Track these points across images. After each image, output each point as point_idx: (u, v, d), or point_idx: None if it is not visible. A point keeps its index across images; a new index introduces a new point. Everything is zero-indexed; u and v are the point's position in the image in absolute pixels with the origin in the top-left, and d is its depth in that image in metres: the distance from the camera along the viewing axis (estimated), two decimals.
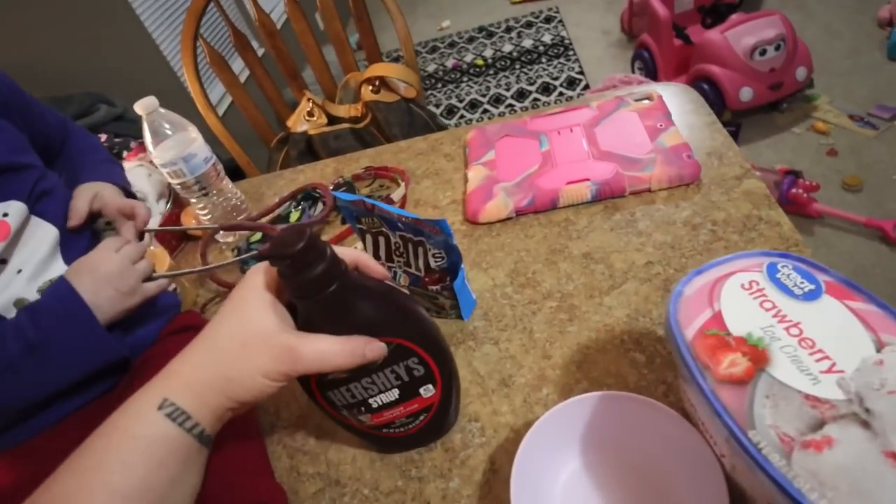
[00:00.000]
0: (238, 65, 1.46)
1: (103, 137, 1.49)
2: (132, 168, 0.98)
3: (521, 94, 2.67)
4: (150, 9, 2.12)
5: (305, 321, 0.40)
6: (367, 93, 1.18)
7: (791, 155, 2.02)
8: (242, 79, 1.37)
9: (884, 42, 2.30)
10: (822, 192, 1.81)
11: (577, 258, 0.63)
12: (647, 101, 0.77)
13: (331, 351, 0.37)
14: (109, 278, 0.56)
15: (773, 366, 0.33)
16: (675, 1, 2.30)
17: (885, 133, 1.98)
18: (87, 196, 0.66)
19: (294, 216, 0.84)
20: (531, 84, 2.71)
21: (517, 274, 0.63)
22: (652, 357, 0.51)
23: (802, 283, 0.37)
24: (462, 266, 0.57)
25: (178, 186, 0.83)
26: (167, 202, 0.96)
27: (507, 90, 2.72)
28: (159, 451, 0.33)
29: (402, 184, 0.80)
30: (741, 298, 0.37)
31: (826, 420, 0.30)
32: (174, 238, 0.92)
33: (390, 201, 0.77)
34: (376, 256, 0.59)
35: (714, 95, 2.06)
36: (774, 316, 0.35)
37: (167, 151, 0.79)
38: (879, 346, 0.32)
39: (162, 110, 0.80)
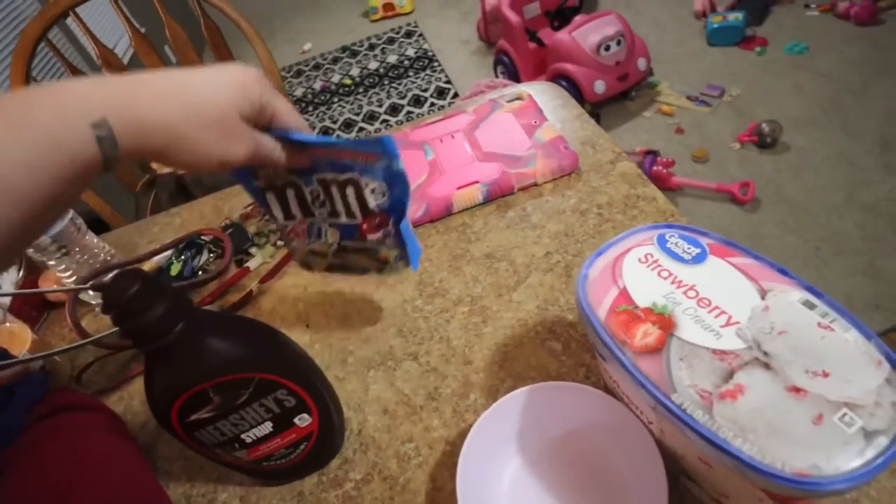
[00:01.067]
0: None
1: None
2: None
3: (394, 109, 2.69)
4: None
5: (152, 370, 0.39)
6: None
7: (646, 136, 2.22)
8: None
9: (702, 31, 2.61)
10: (677, 167, 2.02)
11: (479, 260, 0.63)
12: (518, 101, 0.81)
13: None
14: None
15: (681, 329, 0.35)
16: (524, 7, 2.45)
17: (717, 109, 2.24)
18: None
19: (175, 268, 0.76)
20: (402, 98, 2.74)
21: (424, 285, 0.63)
22: (567, 343, 0.53)
23: (689, 248, 0.40)
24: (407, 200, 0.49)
25: (31, 250, 0.73)
26: (19, 270, 0.84)
27: (380, 106, 2.73)
28: (68, 169, 0.29)
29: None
30: (641, 271, 0.39)
31: (734, 369, 0.32)
32: (33, 308, 0.81)
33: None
34: (287, 215, 0.50)
35: (572, 91, 2.21)
36: (672, 283, 0.38)
37: None
38: (763, 294, 0.36)
39: None
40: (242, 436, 0.43)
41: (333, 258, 0.53)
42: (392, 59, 3.04)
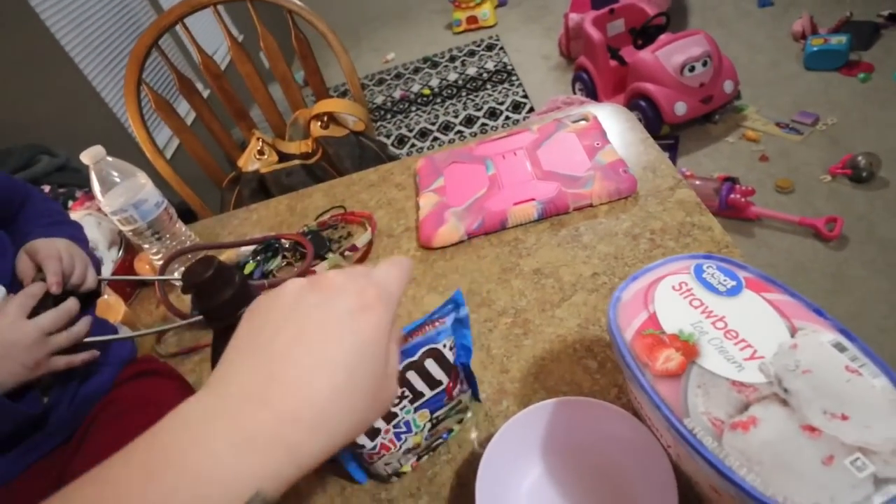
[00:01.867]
0: (185, 108, 1.46)
1: (46, 189, 1.46)
2: (80, 218, 0.96)
3: (469, 120, 2.74)
4: (89, 56, 2.10)
5: (218, 346, 0.42)
6: (316, 129, 1.20)
7: (727, 162, 2.14)
8: (190, 121, 1.37)
9: (800, 54, 2.48)
10: (757, 196, 1.92)
11: (527, 274, 0.66)
12: (583, 122, 0.82)
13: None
14: (14, 351, 0.50)
15: (703, 358, 0.36)
16: (608, 25, 2.43)
17: (808, 137, 2.12)
18: (30, 253, 0.63)
19: (249, 268, 0.83)
20: (478, 110, 2.79)
21: (472, 294, 0.66)
22: (603, 362, 0.54)
23: (725, 280, 0.40)
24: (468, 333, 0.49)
25: (130, 233, 0.83)
26: (119, 249, 0.95)
27: (456, 117, 2.79)
28: None
29: (369, 229, 0.79)
30: (673, 299, 0.40)
31: (751, 402, 0.33)
32: (128, 285, 0.90)
33: (354, 248, 0.77)
34: (372, 435, 0.46)
35: (651, 111, 2.17)
36: (702, 312, 0.39)
37: (117, 199, 0.79)
38: (793, 332, 0.36)
39: (109, 158, 0.80)
40: None
41: (425, 441, 0.50)
42: (471, 70, 3.10)
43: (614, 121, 0.85)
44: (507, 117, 2.69)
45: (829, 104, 2.23)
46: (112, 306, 0.80)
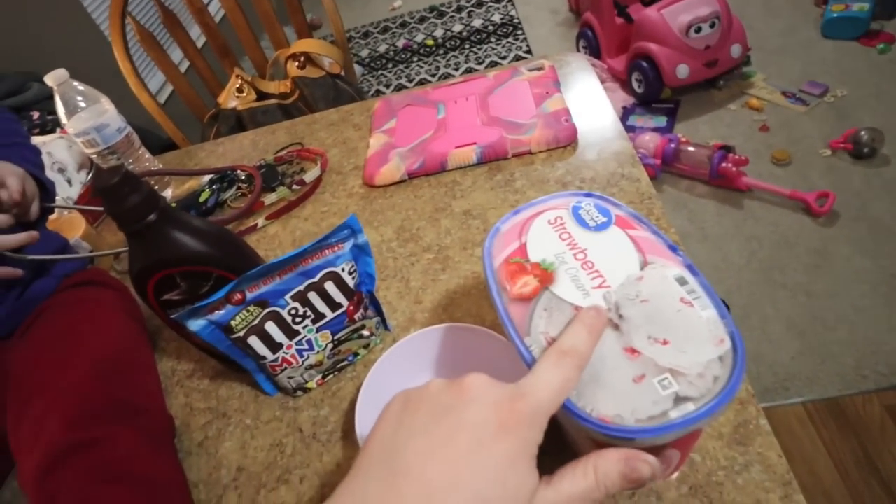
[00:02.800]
0: (173, 46, 1.46)
1: (35, 115, 1.49)
2: (52, 140, 0.99)
3: (469, 73, 2.70)
4: None
5: (133, 250, 0.46)
6: (293, 68, 1.20)
7: (726, 131, 2.10)
8: (177, 59, 1.38)
9: (819, 20, 2.38)
10: (752, 167, 1.89)
11: (457, 215, 0.67)
12: (538, 71, 0.82)
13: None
14: None
15: (556, 284, 0.38)
16: None
17: (814, 109, 2.07)
18: None
19: (204, 195, 0.84)
20: (479, 63, 2.74)
21: (403, 230, 0.67)
22: None
23: (598, 216, 0.42)
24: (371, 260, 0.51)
25: (95, 156, 0.85)
26: (88, 172, 0.97)
27: (456, 69, 2.75)
28: None
29: (318, 165, 0.81)
30: (545, 232, 0.42)
31: None
32: (91, 211, 0.93)
33: (301, 182, 0.79)
34: (274, 348, 0.49)
35: (652, 73, 2.12)
36: (568, 245, 0.40)
37: (81, 122, 0.82)
38: (644, 265, 0.38)
39: (74, 82, 0.82)
40: None
41: (328, 360, 0.53)
42: (477, 22, 3.03)
43: (572, 69, 0.84)
44: None
45: (841, 75, 2.16)
46: (73, 222, 0.83)
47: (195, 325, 0.46)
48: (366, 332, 0.54)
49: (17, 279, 0.60)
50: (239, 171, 0.85)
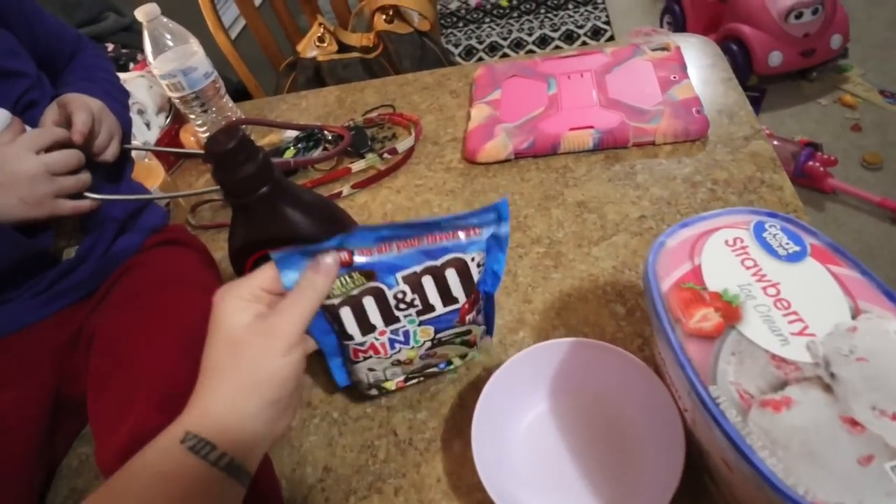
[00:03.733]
0: None
1: (110, 47, 1.45)
2: (133, 79, 0.95)
3: (542, 41, 2.57)
4: None
5: (236, 223, 0.41)
6: (379, 22, 1.14)
7: (814, 127, 1.96)
8: (258, 2, 1.32)
9: None
10: (840, 168, 1.76)
11: (570, 206, 0.61)
12: (663, 52, 0.74)
13: (292, 307, 0.34)
14: (14, 182, 0.47)
15: (745, 324, 0.32)
16: None
17: None
18: (61, 104, 0.57)
19: (289, 153, 0.80)
20: (555, 31, 2.60)
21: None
22: (632, 310, 0.51)
23: (788, 243, 0.36)
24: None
25: (177, 100, 0.81)
26: (167, 116, 0.94)
27: (530, 35, 2.62)
28: (181, 488, 0.30)
29: (413, 134, 0.75)
30: (723, 254, 0.36)
31: (789, 381, 0.30)
32: (172, 153, 0.91)
33: (394, 151, 0.73)
34: (365, 329, 0.41)
35: (742, 58, 1.97)
36: (754, 275, 0.34)
37: (167, 63, 0.77)
38: (856, 313, 0.32)
39: (164, 19, 0.77)
40: None
41: (420, 360, 0.46)
42: None
43: (698, 55, 0.76)
44: (584, 43, 2.50)
45: None
46: (152, 171, 0.81)
47: (288, 277, 0.36)
48: (470, 339, 0.46)
49: (97, 229, 0.57)
50: (326, 132, 0.80)
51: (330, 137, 0.80)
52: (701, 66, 0.74)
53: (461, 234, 0.40)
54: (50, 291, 0.56)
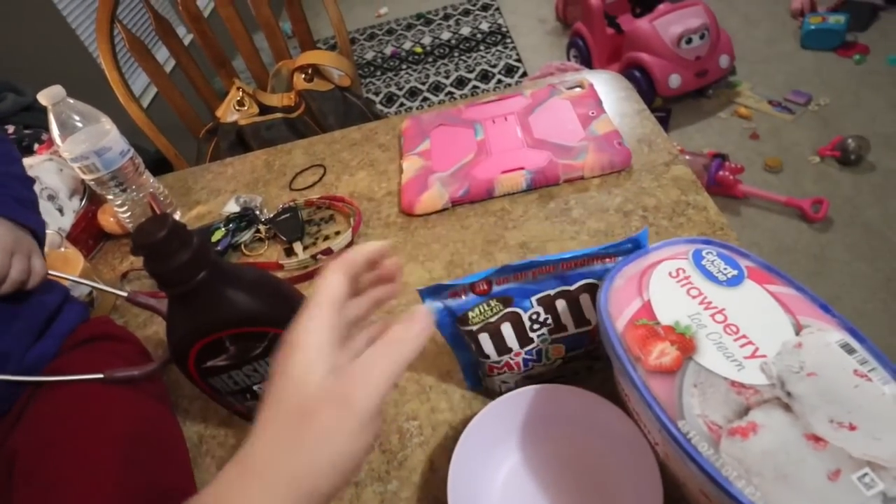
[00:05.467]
0: (163, 54, 1.37)
1: (10, 129, 1.38)
2: (40, 163, 0.90)
3: (460, 82, 2.66)
4: None
5: (174, 313, 0.40)
6: (299, 81, 1.14)
7: (718, 139, 2.11)
8: (168, 68, 1.29)
9: (797, 31, 2.43)
10: (746, 174, 1.91)
11: (513, 248, 0.62)
12: (578, 89, 0.78)
13: (372, 372, 0.28)
14: None
15: (700, 353, 0.33)
16: None
17: (800, 117, 2.10)
18: None
19: (218, 235, 0.76)
20: (470, 72, 2.70)
21: (454, 266, 0.62)
22: None
23: (726, 268, 0.37)
24: None
25: (93, 182, 0.77)
26: (81, 199, 0.89)
27: (447, 77, 2.70)
28: None
29: (351, 227, 0.70)
30: (669, 287, 0.37)
31: (751, 405, 0.31)
32: (90, 237, 0.85)
33: (329, 251, 0.68)
34: (501, 350, 0.44)
35: (645, 83, 2.12)
36: (701, 303, 0.36)
37: (78, 145, 0.74)
38: (798, 329, 0.33)
39: (70, 100, 0.74)
40: (255, 387, 0.44)
41: (549, 375, 0.48)
42: (465, 31, 2.99)
43: (610, 89, 0.81)
44: (500, 80, 2.61)
45: (822, 84, 2.20)
46: (69, 259, 0.75)
47: (432, 305, 0.43)
48: (596, 353, 0.47)
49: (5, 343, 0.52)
50: (256, 212, 0.76)
51: (263, 219, 0.76)
52: (615, 99, 0.78)
53: (596, 262, 0.42)
54: None
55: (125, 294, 0.55)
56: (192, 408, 0.57)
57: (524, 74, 2.62)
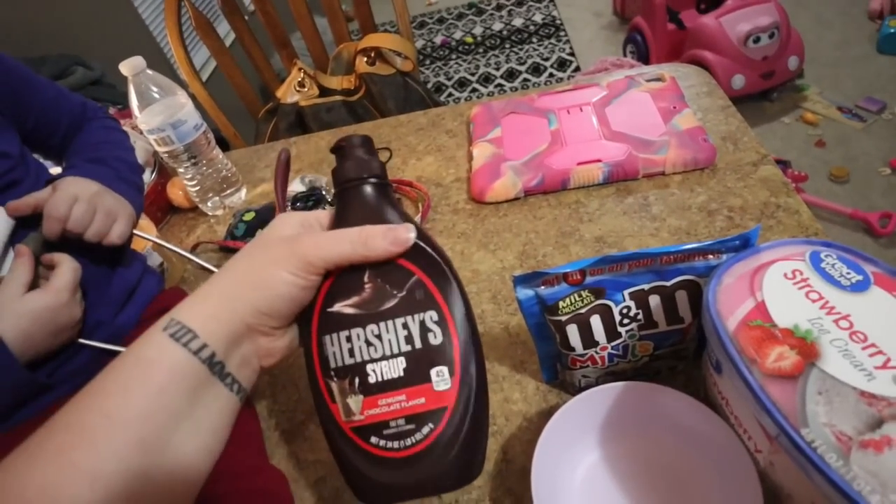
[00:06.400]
0: (224, 29, 1.39)
1: None
2: None
3: (510, 74, 2.63)
4: None
5: (337, 218, 0.36)
6: (361, 64, 1.13)
7: (780, 144, 2.03)
8: (229, 45, 1.31)
9: (874, 35, 2.31)
10: (809, 183, 1.83)
11: (588, 242, 0.60)
12: (658, 82, 0.75)
13: (332, 237, 0.33)
14: (62, 324, 0.50)
15: (824, 360, 0.31)
16: None
17: (871, 126, 2.00)
18: (48, 190, 0.56)
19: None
20: (521, 64, 2.67)
21: (527, 256, 0.61)
22: None
23: (849, 273, 0.35)
24: None
25: (166, 155, 0.78)
26: (152, 172, 0.91)
27: (497, 69, 2.67)
28: (159, 375, 0.29)
29: (419, 215, 0.69)
30: (785, 288, 0.35)
31: (885, 418, 0.28)
32: (159, 209, 0.87)
33: None
34: (588, 343, 0.43)
35: (718, 84, 2.05)
36: (822, 308, 0.33)
37: (154, 116, 0.75)
38: None
39: (150, 72, 0.75)
40: (369, 368, 0.34)
41: (632, 372, 0.46)
42: (518, 22, 2.95)
43: (691, 83, 0.78)
44: (552, 74, 2.57)
45: None
46: (143, 229, 0.77)
47: (523, 293, 0.42)
48: (683, 353, 0.46)
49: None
50: (323, 191, 0.77)
51: (330, 199, 0.76)
52: (697, 94, 0.75)
53: (698, 258, 0.40)
54: (50, 379, 0.51)
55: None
56: (261, 383, 0.57)
57: (577, 69, 2.57)
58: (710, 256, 0.40)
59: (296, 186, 0.81)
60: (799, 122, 2.08)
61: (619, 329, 0.43)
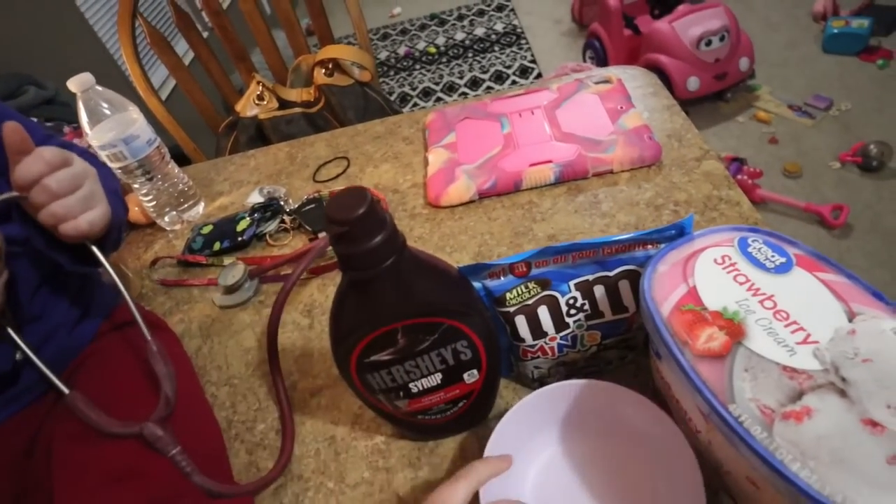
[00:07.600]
0: (183, 47, 1.38)
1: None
2: None
3: (474, 83, 2.66)
4: None
5: (348, 299, 0.36)
6: (320, 76, 1.14)
7: (735, 143, 2.09)
8: (187, 61, 1.30)
9: (819, 35, 2.41)
10: (764, 179, 1.89)
11: (542, 240, 0.62)
12: (606, 84, 0.77)
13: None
14: None
15: (750, 339, 0.33)
16: None
17: (821, 122, 2.08)
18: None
19: (243, 224, 0.76)
20: (484, 72, 2.70)
21: (482, 257, 0.62)
22: None
23: (773, 256, 0.37)
24: None
25: (119, 171, 0.77)
26: None
27: (461, 78, 2.71)
28: None
29: None
30: (715, 273, 0.37)
31: (804, 390, 0.30)
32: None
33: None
34: (536, 334, 0.44)
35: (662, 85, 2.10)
36: (748, 290, 0.35)
37: (106, 133, 0.74)
38: (851, 316, 0.33)
39: (99, 88, 0.74)
40: (410, 385, 0.40)
41: (583, 363, 0.48)
42: (479, 31, 2.99)
43: (638, 84, 0.80)
44: (514, 81, 2.61)
45: (844, 89, 2.18)
46: None
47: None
48: (632, 343, 0.47)
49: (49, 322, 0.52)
50: (281, 202, 0.76)
51: (288, 210, 0.76)
52: (643, 95, 0.78)
53: (638, 248, 0.42)
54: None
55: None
56: (221, 393, 0.57)
57: (539, 76, 2.62)
58: (649, 246, 0.42)
59: (254, 197, 0.81)
60: (752, 120, 2.15)
61: (567, 319, 0.44)
